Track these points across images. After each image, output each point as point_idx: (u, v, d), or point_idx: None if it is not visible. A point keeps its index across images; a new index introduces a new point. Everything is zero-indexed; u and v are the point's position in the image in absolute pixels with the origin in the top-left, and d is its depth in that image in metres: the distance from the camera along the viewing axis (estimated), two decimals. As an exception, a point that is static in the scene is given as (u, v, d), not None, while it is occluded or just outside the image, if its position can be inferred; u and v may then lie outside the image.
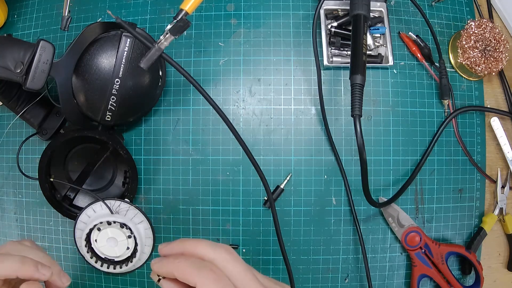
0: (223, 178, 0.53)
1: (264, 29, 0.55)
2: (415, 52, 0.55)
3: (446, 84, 0.54)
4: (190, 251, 0.31)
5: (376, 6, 0.54)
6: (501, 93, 0.57)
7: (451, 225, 0.55)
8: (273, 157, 0.53)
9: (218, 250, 0.30)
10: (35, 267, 0.32)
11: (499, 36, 0.53)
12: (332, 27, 0.53)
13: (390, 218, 0.53)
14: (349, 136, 0.54)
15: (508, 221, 0.54)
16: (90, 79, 0.46)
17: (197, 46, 0.55)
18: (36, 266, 0.32)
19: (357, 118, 0.42)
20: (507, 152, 0.54)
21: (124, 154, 0.49)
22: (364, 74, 0.44)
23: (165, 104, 0.54)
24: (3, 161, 0.56)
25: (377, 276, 0.53)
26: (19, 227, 0.56)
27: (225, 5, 0.56)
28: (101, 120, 0.48)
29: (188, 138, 0.54)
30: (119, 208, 0.48)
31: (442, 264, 0.51)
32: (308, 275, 0.53)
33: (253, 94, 0.54)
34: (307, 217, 0.53)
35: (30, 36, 0.57)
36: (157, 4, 0.56)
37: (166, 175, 0.54)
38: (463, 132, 0.55)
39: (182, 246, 0.32)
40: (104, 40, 0.46)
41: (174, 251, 0.32)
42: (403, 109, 0.55)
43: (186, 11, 0.39)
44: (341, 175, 0.53)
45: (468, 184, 0.55)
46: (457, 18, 0.57)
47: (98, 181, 0.54)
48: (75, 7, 0.57)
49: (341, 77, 0.55)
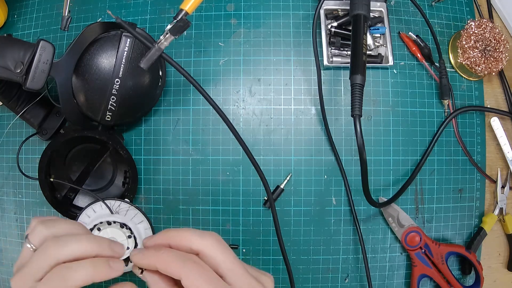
0: (223, 178, 0.53)
1: (264, 29, 0.55)
2: (415, 52, 0.55)
3: (446, 84, 0.54)
4: (176, 242, 0.30)
5: (376, 6, 0.54)
6: (501, 93, 0.57)
7: (451, 225, 0.55)
8: (273, 157, 0.53)
9: (206, 238, 0.29)
10: (108, 267, 0.29)
11: (499, 36, 0.53)
12: (332, 27, 0.53)
13: (390, 218, 0.53)
14: (349, 136, 0.54)
15: (508, 221, 0.54)
16: (90, 79, 0.46)
17: (197, 46, 0.55)
18: (108, 265, 0.29)
19: (357, 118, 0.42)
20: (507, 152, 0.54)
21: (124, 154, 0.49)
22: (364, 74, 0.44)
23: (165, 104, 0.54)
24: (3, 161, 0.56)
25: (377, 276, 0.53)
26: (19, 227, 0.56)
27: (225, 5, 0.56)
28: (101, 120, 0.48)
29: (188, 138, 0.54)
30: (119, 208, 0.48)
31: (442, 264, 0.51)
32: (308, 275, 0.53)
33: (253, 94, 0.54)
34: (307, 217, 0.53)
35: (30, 36, 0.57)
36: (157, 4, 0.56)
37: (166, 175, 0.54)
38: (463, 132, 0.55)
39: (167, 236, 0.30)
40: (104, 40, 0.46)
41: (159, 243, 0.30)
42: (403, 109, 0.55)
43: (186, 11, 0.39)
44: (341, 175, 0.53)
45: (468, 184, 0.55)
46: (457, 18, 0.57)
47: (98, 181, 0.54)
48: (75, 7, 0.57)
49: (341, 77, 0.55)
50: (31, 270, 0.28)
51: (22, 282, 0.29)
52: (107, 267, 0.29)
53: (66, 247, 0.28)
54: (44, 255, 0.28)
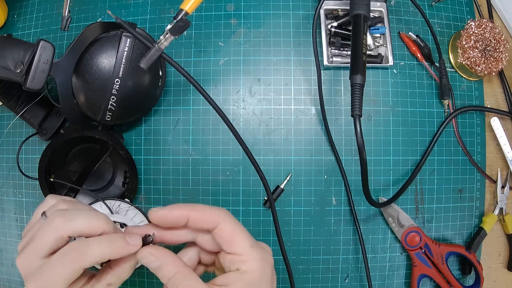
0: (223, 178, 0.53)
1: (264, 29, 0.55)
2: (415, 52, 0.55)
3: (446, 84, 0.54)
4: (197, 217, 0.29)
5: (376, 6, 0.54)
6: (501, 93, 0.57)
7: (451, 225, 0.55)
8: (273, 157, 0.53)
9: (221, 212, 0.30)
10: (126, 243, 0.28)
11: (499, 36, 0.53)
12: (332, 27, 0.53)
13: (390, 218, 0.53)
14: (349, 136, 0.54)
15: (508, 221, 0.54)
16: (90, 79, 0.46)
17: (197, 46, 0.55)
18: (126, 240, 0.28)
19: (357, 118, 0.42)
20: (507, 152, 0.54)
21: (124, 154, 0.49)
22: (364, 74, 0.44)
23: (165, 104, 0.54)
24: (3, 161, 0.56)
25: (377, 276, 0.53)
26: (19, 227, 0.56)
27: (225, 5, 0.56)
28: (101, 120, 0.48)
29: (188, 138, 0.54)
30: (119, 208, 0.48)
31: (442, 264, 0.51)
32: (308, 275, 0.53)
33: (253, 94, 0.54)
34: (307, 217, 0.53)
35: (30, 36, 0.57)
36: (157, 4, 0.56)
37: (166, 175, 0.54)
38: (463, 132, 0.55)
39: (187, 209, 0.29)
40: (104, 40, 0.46)
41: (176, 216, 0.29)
42: (403, 109, 0.55)
43: (186, 11, 0.39)
44: (341, 175, 0.53)
45: (468, 184, 0.55)
46: (457, 18, 0.57)
47: (98, 181, 0.54)
48: (75, 7, 0.57)
49: (341, 77, 0.55)
50: (37, 245, 0.26)
51: (28, 260, 0.27)
52: (125, 242, 0.28)
53: (71, 221, 0.27)
54: (48, 228, 0.27)
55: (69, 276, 0.26)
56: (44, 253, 0.26)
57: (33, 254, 0.26)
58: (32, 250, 0.27)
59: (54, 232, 0.26)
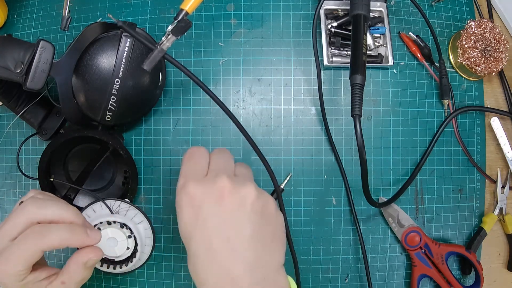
0: (223, 178, 0.53)
1: (264, 29, 0.55)
2: (415, 52, 0.55)
3: (446, 84, 0.54)
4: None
5: (376, 6, 0.54)
6: (501, 93, 0.57)
7: (451, 225, 0.55)
8: (273, 157, 0.53)
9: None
10: (85, 234, 0.30)
11: (499, 36, 0.53)
12: (332, 27, 0.53)
13: (390, 218, 0.53)
14: (349, 136, 0.54)
15: (508, 221, 0.54)
16: (90, 79, 0.46)
17: (197, 46, 0.55)
18: (86, 231, 0.30)
19: (357, 118, 0.42)
20: (507, 152, 0.54)
21: (124, 154, 0.49)
22: (364, 74, 0.44)
23: (165, 104, 0.54)
24: (3, 161, 0.56)
25: (377, 276, 0.53)
26: (19, 227, 0.56)
27: (225, 5, 0.56)
28: (101, 120, 0.48)
29: (188, 138, 0.54)
30: (119, 208, 0.48)
31: (442, 264, 0.51)
32: (308, 275, 0.53)
33: (253, 94, 0.54)
34: (307, 217, 0.53)
35: (30, 36, 0.57)
36: (157, 4, 0.56)
37: (166, 175, 0.54)
38: (463, 132, 0.55)
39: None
40: (104, 40, 0.46)
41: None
42: (403, 109, 0.55)
43: (186, 11, 0.39)
44: (341, 175, 0.53)
45: (468, 184, 0.55)
46: (457, 18, 0.57)
47: (98, 181, 0.54)
48: (75, 7, 0.57)
49: (341, 77, 0.55)
50: (6, 228, 0.28)
51: None
52: (84, 233, 0.30)
53: (43, 208, 0.29)
54: (20, 213, 0.29)
55: (28, 257, 0.27)
56: (12, 235, 0.28)
57: (2, 236, 0.28)
58: (2, 232, 0.28)
59: (24, 217, 0.28)
